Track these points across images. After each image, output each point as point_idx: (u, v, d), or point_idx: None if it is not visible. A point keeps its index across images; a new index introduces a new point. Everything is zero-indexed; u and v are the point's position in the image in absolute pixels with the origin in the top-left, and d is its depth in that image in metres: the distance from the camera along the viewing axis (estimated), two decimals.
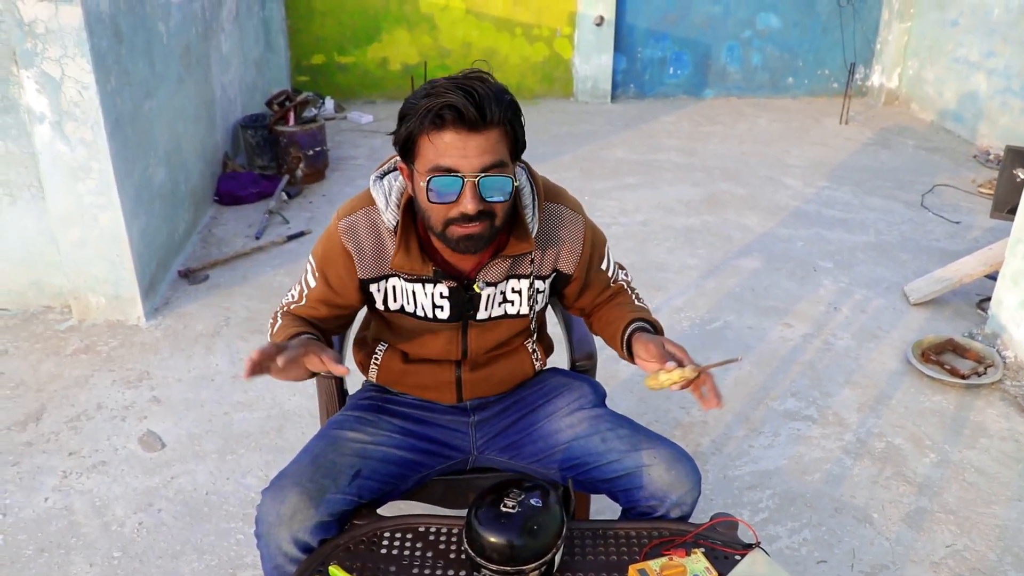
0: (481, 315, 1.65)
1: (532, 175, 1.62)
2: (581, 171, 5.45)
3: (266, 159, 5.13)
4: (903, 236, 4.50)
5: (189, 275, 3.81)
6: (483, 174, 1.40)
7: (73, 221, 3.23)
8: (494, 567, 1.38)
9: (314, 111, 5.37)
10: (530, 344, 1.78)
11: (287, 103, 5.13)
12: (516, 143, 1.46)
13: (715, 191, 5.14)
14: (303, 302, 1.67)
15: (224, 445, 2.74)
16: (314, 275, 1.65)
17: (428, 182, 1.41)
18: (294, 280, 3.74)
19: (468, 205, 1.41)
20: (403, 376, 1.75)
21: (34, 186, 3.26)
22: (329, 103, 6.67)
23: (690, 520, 1.65)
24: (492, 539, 1.37)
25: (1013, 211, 3.74)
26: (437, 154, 1.40)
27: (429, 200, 1.43)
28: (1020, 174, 3.63)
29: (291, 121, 5.04)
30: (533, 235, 1.59)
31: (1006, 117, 5.79)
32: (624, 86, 7.36)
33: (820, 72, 7.46)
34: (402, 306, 1.64)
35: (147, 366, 3.15)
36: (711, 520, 1.59)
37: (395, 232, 1.56)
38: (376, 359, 1.76)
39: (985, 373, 3.10)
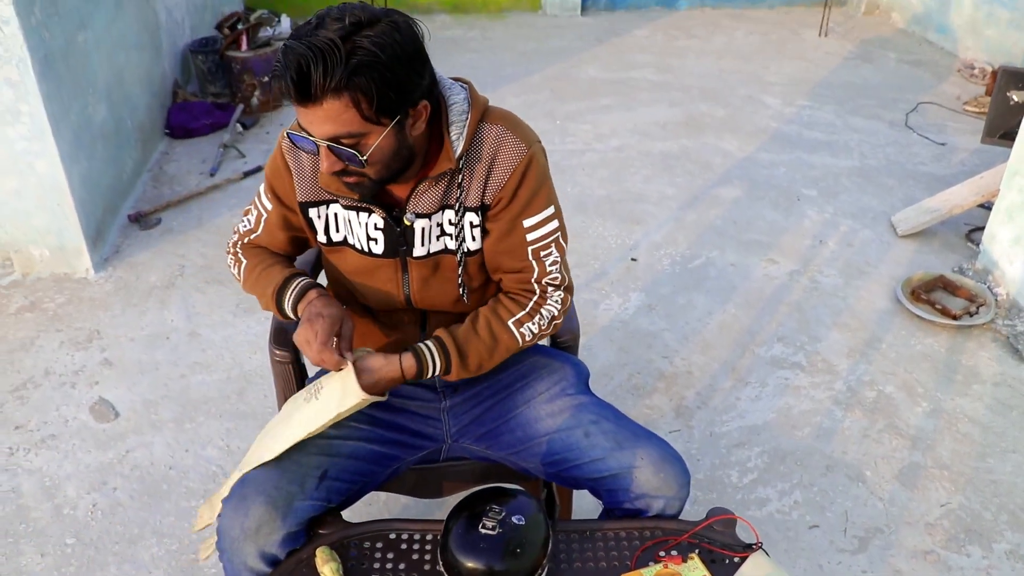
0: (418, 251, 1.48)
1: (472, 94, 1.45)
2: (552, 92, 5.18)
3: (219, 86, 4.80)
4: (888, 159, 4.33)
5: (140, 219, 3.57)
6: (331, 143, 1.29)
7: (7, 170, 2.97)
8: None
9: (269, 31, 5.03)
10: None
11: (239, 26, 4.80)
12: (384, 100, 1.25)
13: (693, 112, 4.92)
14: (260, 230, 1.59)
15: (182, 412, 2.57)
16: (267, 194, 1.56)
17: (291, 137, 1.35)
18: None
19: (325, 165, 1.32)
20: (361, 339, 1.64)
21: None
22: (285, 21, 6.25)
23: (682, 516, 1.53)
24: (471, 565, 1.24)
25: (1005, 136, 3.58)
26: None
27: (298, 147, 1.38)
28: (1014, 97, 3.45)
29: (244, 46, 4.71)
30: (456, 154, 1.40)
31: (992, 29, 5.57)
32: None
33: None
34: (345, 237, 1.51)
35: (97, 324, 2.96)
36: (708, 519, 1.47)
37: None
38: None
39: (977, 312, 2.98)
